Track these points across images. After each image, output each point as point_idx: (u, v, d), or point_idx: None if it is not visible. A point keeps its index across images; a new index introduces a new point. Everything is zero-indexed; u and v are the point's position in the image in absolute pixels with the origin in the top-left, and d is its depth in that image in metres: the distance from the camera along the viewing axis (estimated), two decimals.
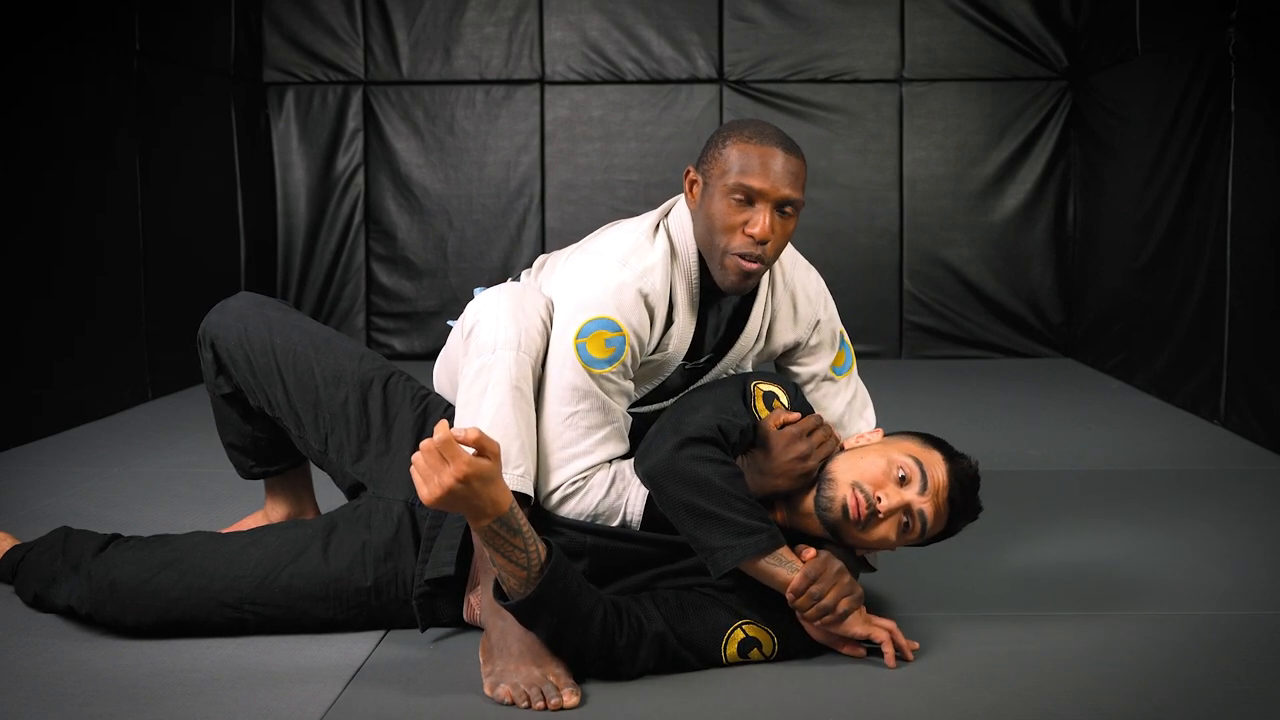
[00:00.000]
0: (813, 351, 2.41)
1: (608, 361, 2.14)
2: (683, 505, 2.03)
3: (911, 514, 2.06)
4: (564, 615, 1.94)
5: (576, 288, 2.19)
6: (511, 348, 2.12)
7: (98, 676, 2.03)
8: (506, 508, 1.86)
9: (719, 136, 2.20)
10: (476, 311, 2.19)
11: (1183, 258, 4.50)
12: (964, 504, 2.10)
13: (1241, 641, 2.21)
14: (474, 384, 2.12)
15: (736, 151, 2.15)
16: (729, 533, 2.01)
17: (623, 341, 2.14)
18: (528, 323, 2.15)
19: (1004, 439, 4.02)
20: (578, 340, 2.14)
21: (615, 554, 2.15)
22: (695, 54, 5.96)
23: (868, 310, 5.90)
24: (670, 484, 2.03)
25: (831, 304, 2.44)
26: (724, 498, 2.02)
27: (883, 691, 1.97)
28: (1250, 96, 3.99)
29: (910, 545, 2.14)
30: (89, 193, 4.35)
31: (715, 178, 2.16)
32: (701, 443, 2.05)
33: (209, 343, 2.42)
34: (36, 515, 2.97)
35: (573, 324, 2.15)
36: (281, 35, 5.97)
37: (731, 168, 2.14)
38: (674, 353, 2.25)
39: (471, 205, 6.03)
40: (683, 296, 2.23)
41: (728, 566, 2.02)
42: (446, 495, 1.80)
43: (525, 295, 2.19)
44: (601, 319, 2.14)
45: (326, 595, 2.19)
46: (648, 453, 2.09)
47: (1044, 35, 5.89)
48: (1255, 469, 3.61)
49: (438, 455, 1.79)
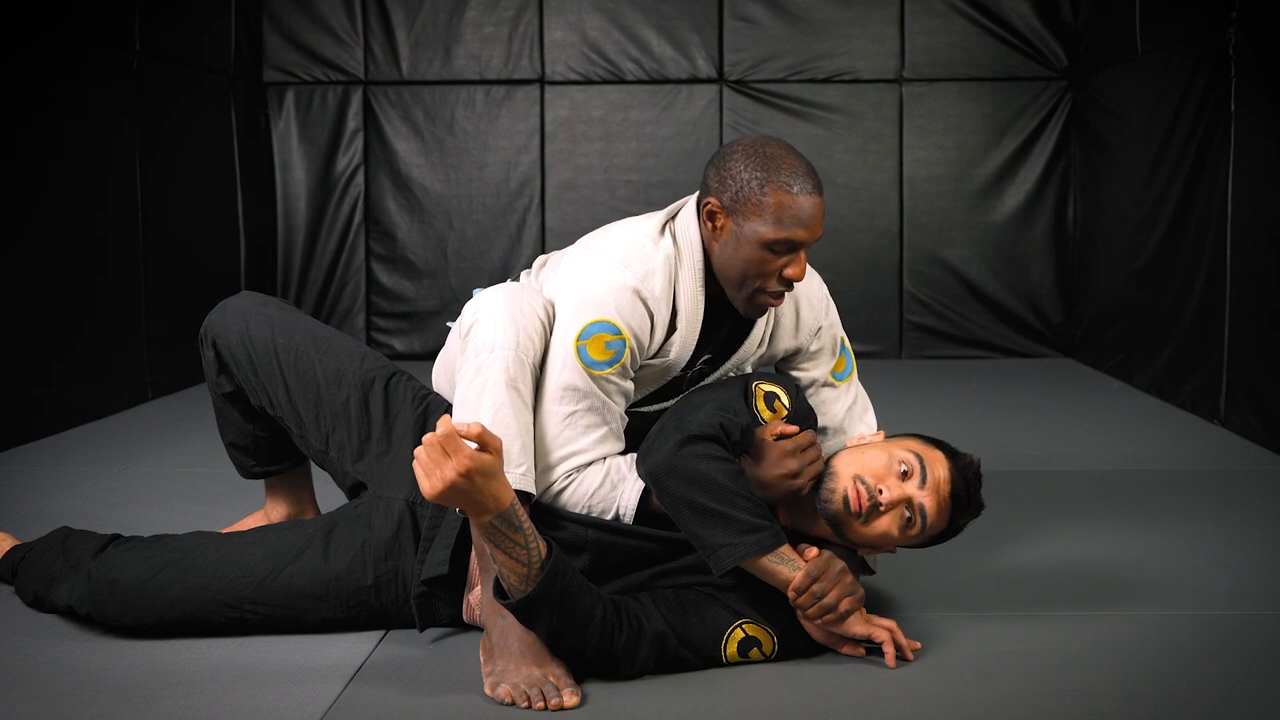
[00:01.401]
0: (813, 357, 2.40)
1: (608, 363, 2.14)
2: (685, 503, 2.03)
3: (913, 508, 2.06)
4: (564, 614, 1.94)
5: (577, 287, 2.19)
6: (509, 347, 2.12)
7: (98, 676, 2.03)
8: (508, 503, 1.86)
9: (751, 177, 2.11)
10: (475, 311, 2.19)
11: (1183, 258, 4.50)
12: (966, 499, 2.10)
13: (1241, 641, 2.21)
14: (472, 383, 2.12)
15: (776, 203, 2.09)
16: (731, 530, 2.01)
17: (623, 345, 2.14)
18: (525, 322, 2.15)
19: (1004, 439, 4.02)
20: (578, 342, 2.14)
21: (616, 549, 2.15)
22: (695, 54, 5.96)
23: (868, 310, 5.90)
24: (672, 481, 2.03)
25: (834, 310, 2.43)
26: (726, 495, 2.02)
27: (883, 691, 1.97)
28: (1250, 96, 3.99)
29: (912, 546, 2.15)
30: (89, 193, 4.35)
31: (751, 224, 2.11)
32: (704, 440, 2.04)
33: (211, 341, 2.42)
34: (36, 515, 2.97)
35: (574, 325, 2.15)
36: (281, 35, 5.97)
37: (773, 221, 2.10)
38: (676, 359, 2.25)
39: (471, 205, 6.03)
40: (687, 304, 2.21)
41: (730, 564, 2.02)
42: (448, 490, 1.81)
43: (523, 295, 2.19)
44: (602, 321, 2.14)
45: (327, 595, 2.19)
46: (650, 450, 2.08)
47: (1044, 35, 5.89)
48: (1255, 469, 3.61)
49: (440, 449, 1.80)
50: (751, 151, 2.14)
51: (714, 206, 2.16)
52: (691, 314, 2.22)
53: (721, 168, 2.16)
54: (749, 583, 2.10)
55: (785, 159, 2.13)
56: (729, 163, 2.15)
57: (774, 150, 2.14)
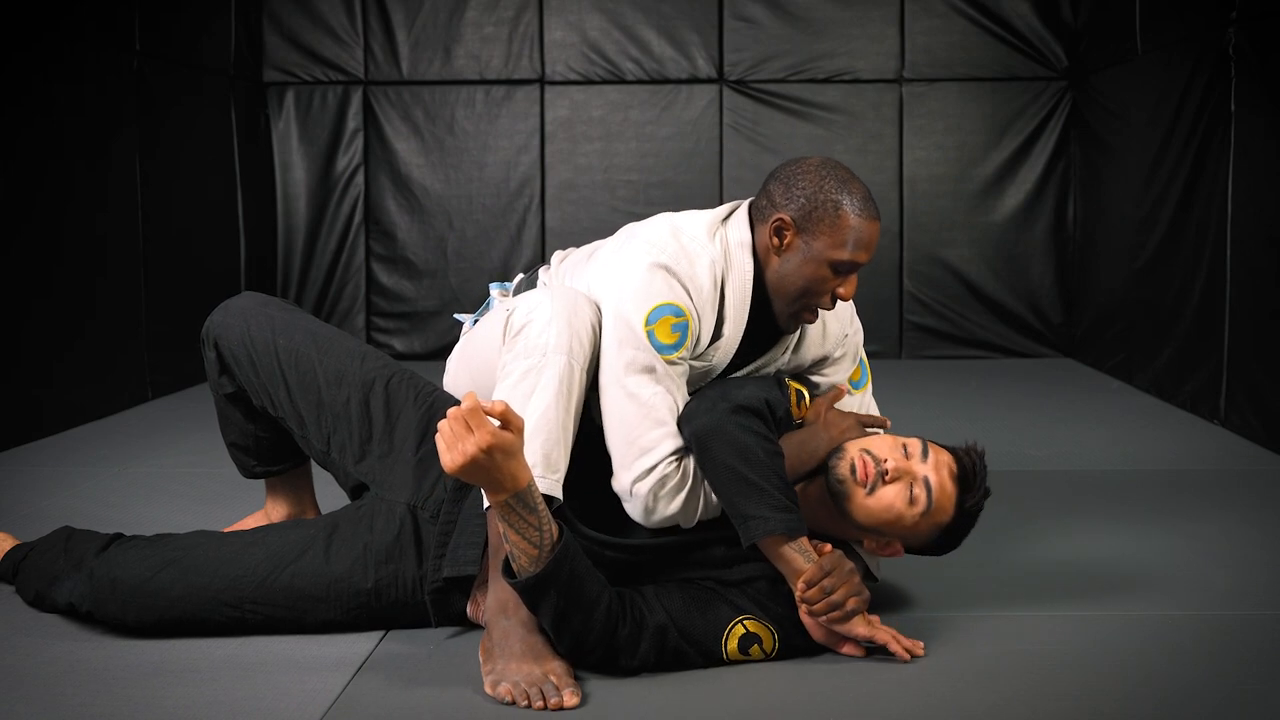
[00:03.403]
0: (836, 363, 2.44)
1: (675, 346, 2.15)
2: (726, 468, 2.05)
3: (917, 481, 2.09)
4: (570, 597, 1.94)
5: (632, 275, 2.17)
6: (563, 352, 2.11)
7: (98, 676, 2.03)
8: (525, 483, 1.88)
9: (826, 199, 2.17)
10: (528, 311, 2.16)
11: (1183, 258, 4.50)
12: (970, 480, 2.12)
13: (1241, 641, 2.21)
14: (521, 383, 2.11)
15: (850, 226, 2.16)
16: (765, 504, 2.04)
17: (686, 326, 2.16)
18: (581, 329, 2.14)
19: (1004, 439, 4.02)
20: (647, 327, 2.14)
21: (630, 567, 2.15)
22: (695, 54, 5.96)
23: (868, 310, 5.83)
24: (717, 445, 2.06)
25: (858, 320, 2.47)
26: (765, 471, 2.05)
27: (883, 691, 1.97)
28: (1250, 96, 3.99)
29: (921, 549, 2.18)
30: (89, 193, 4.35)
31: (820, 243, 2.17)
32: (750, 413, 2.09)
33: (212, 342, 2.42)
34: (37, 515, 2.97)
35: (639, 311, 2.14)
36: (281, 35, 5.97)
37: (846, 242, 2.16)
38: (717, 364, 2.26)
39: (471, 205, 6.03)
40: (735, 311, 2.23)
41: (758, 536, 2.04)
42: (469, 464, 1.82)
43: (577, 299, 2.18)
44: (666, 305, 2.15)
45: (327, 596, 2.19)
46: (695, 414, 2.10)
47: (1044, 35, 5.89)
48: (1255, 469, 3.61)
49: (463, 423, 1.81)
50: (825, 172, 2.20)
51: (785, 223, 2.18)
52: (737, 320, 2.23)
53: (791, 185, 2.20)
54: (753, 578, 2.11)
55: (855, 183, 2.20)
56: (800, 180, 2.20)
57: (844, 173, 2.21)
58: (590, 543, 2.12)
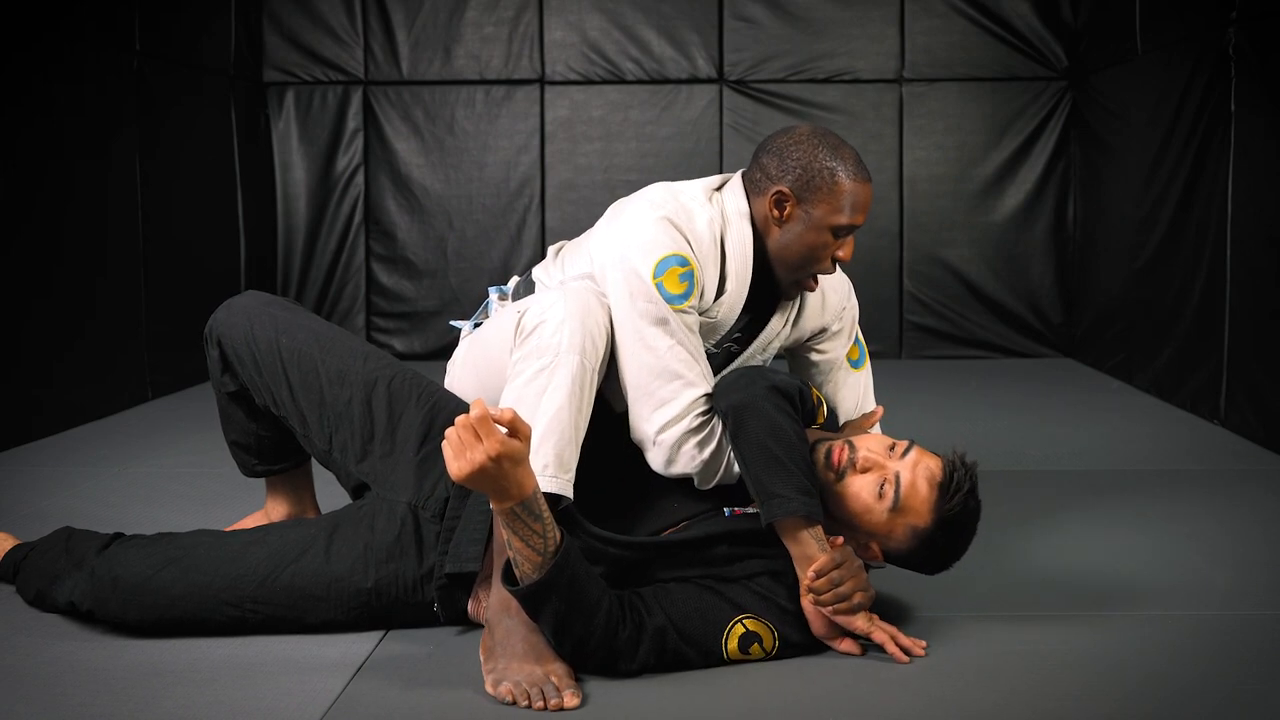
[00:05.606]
0: (834, 337, 2.50)
1: (684, 296, 2.18)
2: (758, 444, 2.07)
3: (889, 477, 2.11)
4: (571, 602, 1.94)
5: (637, 230, 2.21)
6: (576, 352, 2.12)
7: (98, 676, 2.03)
8: (530, 491, 1.88)
9: (822, 166, 2.22)
10: (541, 311, 2.16)
11: (1183, 258, 4.50)
12: (951, 488, 2.11)
13: (1241, 641, 2.21)
14: (532, 382, 2.11)
15: (847, 191, 2.21)
16: (791, 486, 2.05)
17: (692, 275, 2.19)
18: (594, 330, 2.15)
19: (1004, 439, 4.02)
20: (655, 279, 2.17)
21: (635, 565, 2.15)
22: (695, 54, 5.96)
23: (868, 310, 5.82)
24: (753, 420, 2.08)
25: (854, 296, 2.54)
26: (793, 453, 2.07)
27: (883, 691, 1.97)
28: (1250, 96, 3.99)
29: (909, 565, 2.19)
30: (89, 193, 4.35)
31: (820, 209, 2.22)
32: (785, 396, 2.13)
33: (215, 340, 2.42)
34: (37, 515, 2.97)
35: (646, 264, 2.17)
36: (281, 35, 5.97)
37: (844, 208, 2.21)
38: (722, 319, 2.30)
39: (471, 205, 6.03)
40: (737, 266, 2.26)
41: (781, 515, 2.05)
42: (476, 472, 1.82)
43: (591, 302, 2.18)
44: (671, 255, 2.18)
45: (328, 595, 2.18)
46: (732, 389, 2.13)
47: (1044, 35, 5.89)
48: (1255, 469, 3.61)
49: (472, 432, 1.81)
50: (816, 141, 2.24)
51: (784, 194, 2.22)
52: (741, 276, 2.27)
53: (785, 156, 2.24)
54: (755, 574, 2.12)
55: (845, 148, 2.25)
56: (793, 151, 2.24)
57: (834, 140, 2.26)
58: (596, 540, 2.12)
